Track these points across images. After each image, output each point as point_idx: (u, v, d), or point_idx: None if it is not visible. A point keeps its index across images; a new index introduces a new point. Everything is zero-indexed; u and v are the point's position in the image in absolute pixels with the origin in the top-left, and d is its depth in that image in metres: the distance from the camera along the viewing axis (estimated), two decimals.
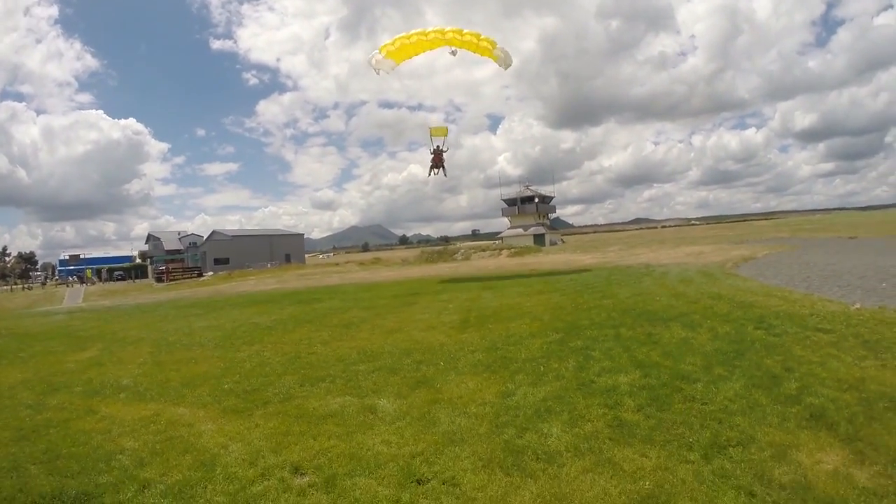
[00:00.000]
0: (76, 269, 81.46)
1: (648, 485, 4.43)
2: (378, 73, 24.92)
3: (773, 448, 4.94)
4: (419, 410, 6.67)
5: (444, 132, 31.31)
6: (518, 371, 8.19)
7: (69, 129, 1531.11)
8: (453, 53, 24.73)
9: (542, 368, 8.21)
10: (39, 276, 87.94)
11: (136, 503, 4.74)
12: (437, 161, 30.85)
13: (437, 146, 30.78)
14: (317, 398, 7.55)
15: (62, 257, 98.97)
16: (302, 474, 5.08)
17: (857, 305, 11.57)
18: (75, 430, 6.94)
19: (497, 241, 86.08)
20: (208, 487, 4.91)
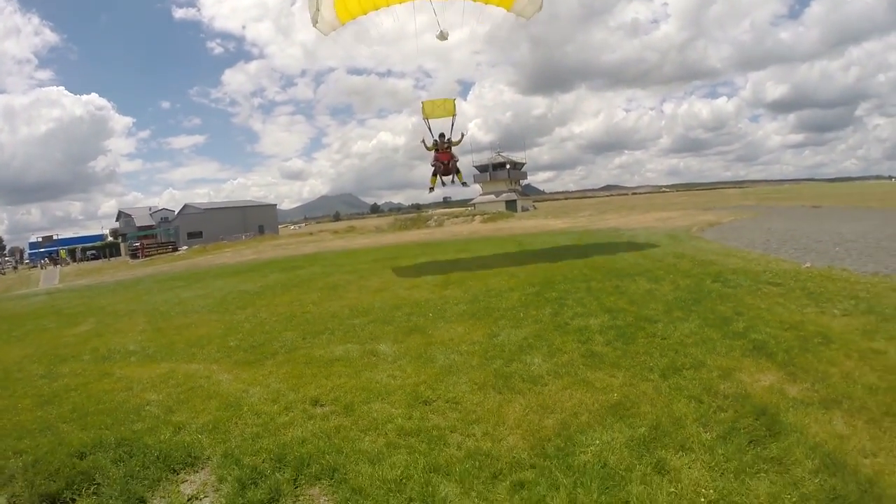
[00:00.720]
0: (48, 251, 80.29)
1: (616, 396, 5.37)
2: (315, 25, 15.48)
3: (720, 370, 5.87)
4: (416, 351, 7.51)
5: (450, 110, 19.26)
6: (500, 318, 9.05)
7: (30, 108, 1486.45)
8: (443, 36, 16.23)
9: (521, 315, 9.10)
10: (9, 260, 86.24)
11: (177, 441, 5.23)
12: (445, 163, 19.16)
13: (442, 136, 19.09)
14: (320, 347, 8.28)
15: (33, 239, 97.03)
16: (322, 405, 5.82)
17: (808, 265, 12.60)
18: (97, 391, 7.27)
19: (469, 208, 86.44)
20: (239, 423, 5.54)
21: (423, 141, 19.38)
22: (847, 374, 5.58)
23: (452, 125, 19.35)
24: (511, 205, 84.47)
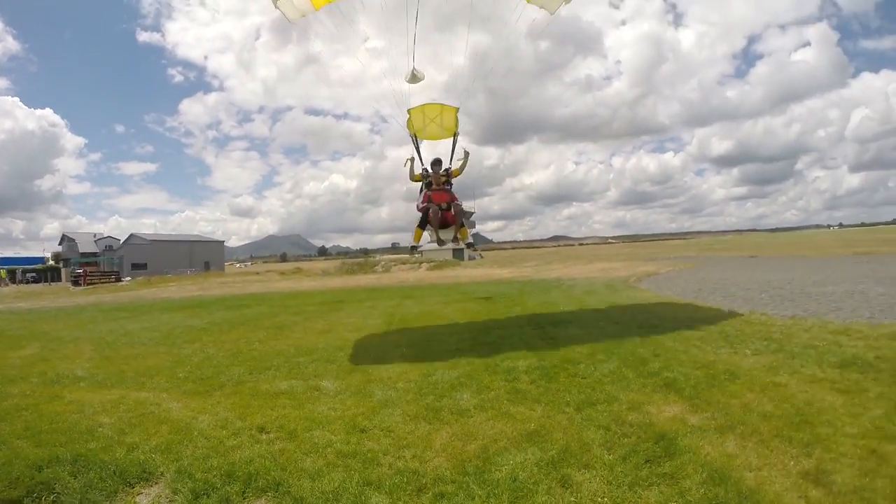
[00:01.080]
0: None
1: (534, 426, 6.08)
2: (276, 5, 10.95)
3: (630, 404, 6.67)
4: (356, 388, 8.10)
5: (450, 127, 13.66)
6: (436, 360, 9.72)
7: None
8: (416, 78, 12.75)
9: (456, 357, 9.83)
10: None
11: (131, 459, 5.62)
12: (442, 208, 13.02)
13: (438, 164, 13.37)
14: (266, 382, 8.77)
15: None
16: (267, 432, 6.33)
17: (729, 311, 13.77)
18: (48, 412, 7.46)
19: (417, 255, 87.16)
20: (190, 445, 5.99)
21: (409, 167, 13.54)
22: (746, 405, 6.42)
23: (454, 148, 13.37)
24: (458, 253, 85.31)
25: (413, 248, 14.37)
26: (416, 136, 13.70)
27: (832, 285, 19.04)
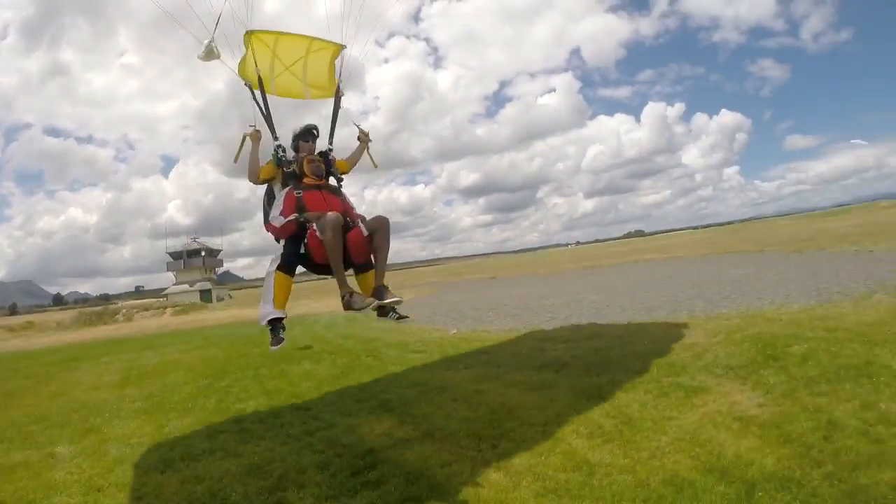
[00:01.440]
0: None
1: (257, 460, 6.96)
2: None
3: (346, 427, 7.86)
4: (91, 449, 8.43)
5: (324, 82, 7.95)
6: (171, 410, 10.27)
7: None
8: (211, 53, 7.47)
9: (190, 405, 10.44)
10: None
11: None
12: (341, 225, 6.24)
13: (309, 135, 7.34)
14: (0, 456, 8.68)
15: None
16: None
17: (454, 331, 15.71)
18: None
19: (162, 299, 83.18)
20: None
21: (247, 150, 7.41)
22: (448, 413, 7.82)
23: (334, 120, 7.86)
24: (206, 294, 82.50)
25: (275, 324, 6.82)
26: (259, 87, 7.38)
27: (554, 298, 22.09)
